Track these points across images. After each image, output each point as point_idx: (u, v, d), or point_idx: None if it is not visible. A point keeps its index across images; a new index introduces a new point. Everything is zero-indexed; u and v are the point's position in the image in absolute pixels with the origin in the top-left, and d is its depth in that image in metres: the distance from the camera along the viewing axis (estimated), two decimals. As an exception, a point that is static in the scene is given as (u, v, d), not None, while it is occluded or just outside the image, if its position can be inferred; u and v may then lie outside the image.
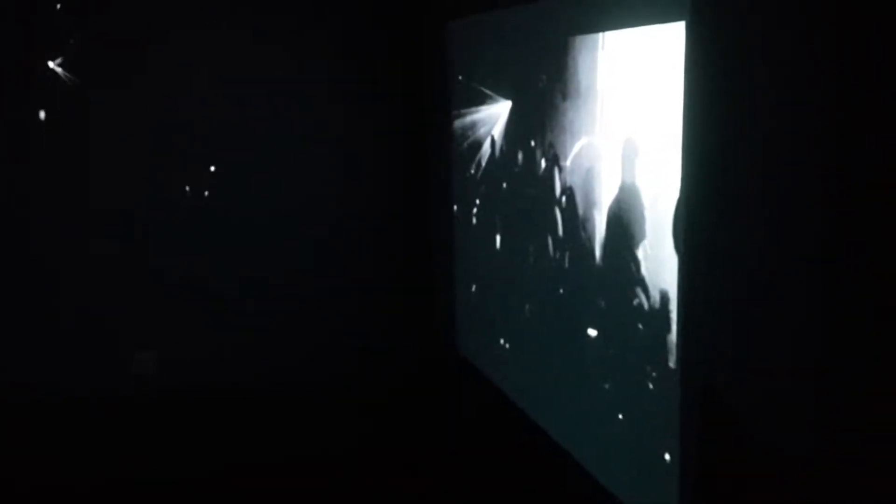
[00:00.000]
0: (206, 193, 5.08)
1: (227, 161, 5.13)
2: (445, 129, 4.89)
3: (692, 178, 2.58)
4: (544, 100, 3.68)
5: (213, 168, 5.07)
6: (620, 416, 3.18)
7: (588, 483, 3.32)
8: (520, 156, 4.03)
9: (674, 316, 2.81)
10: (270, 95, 5.17)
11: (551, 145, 3.68)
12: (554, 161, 3.67)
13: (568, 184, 3.55)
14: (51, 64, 4.71)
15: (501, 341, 4.38)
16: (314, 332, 5.33)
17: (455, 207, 4.95)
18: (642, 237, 3.00)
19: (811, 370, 2.15)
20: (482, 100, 4.43)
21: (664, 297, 2.87)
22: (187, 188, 5.05)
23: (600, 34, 3.17)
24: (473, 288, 4.79)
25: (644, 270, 2.99)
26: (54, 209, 4.88)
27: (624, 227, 3.11)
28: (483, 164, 4.52)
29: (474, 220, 4.70)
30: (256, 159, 5.18)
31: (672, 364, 2.80)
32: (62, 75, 4.70)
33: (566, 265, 3.63)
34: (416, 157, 5.31)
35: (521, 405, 4.07)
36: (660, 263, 2.89)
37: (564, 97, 3.48)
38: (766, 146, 2.28)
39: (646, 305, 2.98)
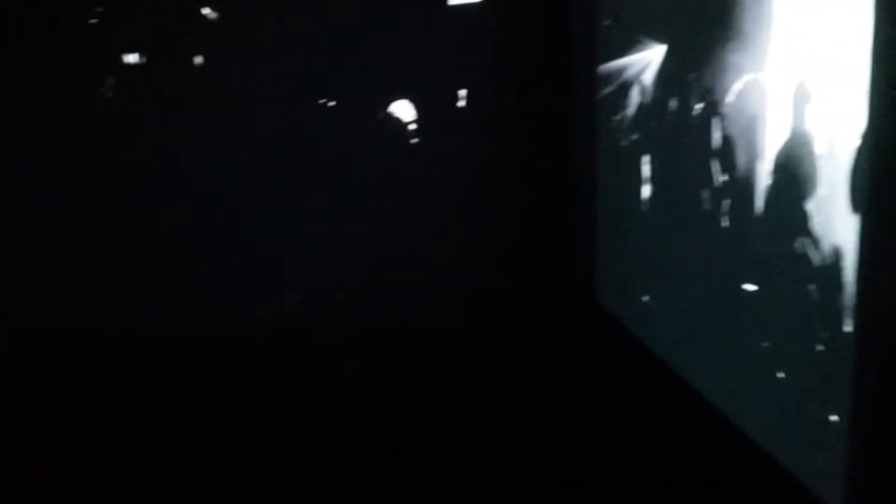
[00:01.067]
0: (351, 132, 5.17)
1: (373, 107, 5.18)
2: (591, 75, 4.75)
3: (879, 125, 2.39)
4: (704, 43, 3.49)
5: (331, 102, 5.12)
6: (781, 376, 3.04)
7: (743, 443, 3.21)
8: (673, 103, 3.87)
9: (848, 274, 2.64)
10: (411, 44, 5.16)
11: (709, 91, 3.51)
12: (712, 108, 3.49)
13: (728, 131, 3.38)
14: (205, 11, 4.87)
15: (647, 294, 4.26)
16: (452, 279, 5.34)
17: (600, 156, 4.83)
18: (813, 188, 2.82)
19: None
20: (632, 45, 4.27)
21: (837, 253, 2.70)
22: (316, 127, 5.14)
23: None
24: (617, 239, 4.67)
25: (814, 224, 2.82)
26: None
27: (792, 176, 2.94)
28: (631, 112, 4.37)
29: (620, 170, 4.57)
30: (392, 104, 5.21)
31: (846, 326, 2.64)
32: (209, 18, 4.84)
33: (721, 217, 3.47)
34: (560, 105, 5.19)
35: (667, 361, 3.96)
36: (833, 217, 2.72)
37: (728, 39, 3.29)
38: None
39: (815, 261, 2.82)
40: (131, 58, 5.00)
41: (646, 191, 4.26)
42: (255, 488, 3.78)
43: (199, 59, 5.03)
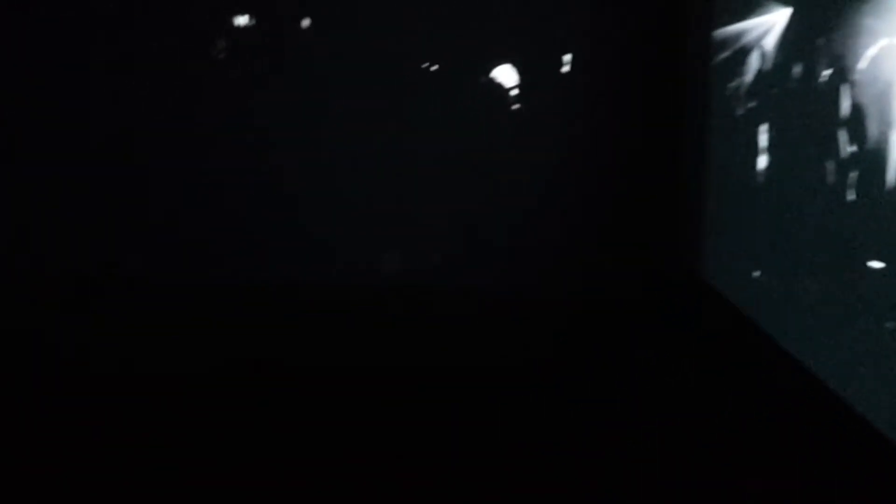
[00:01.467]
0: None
1: (475, 74, 5.13)
2: (706, 41, 4.57)
3: None
4: (834, 5, 3.30)
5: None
6: (908, 359, 2.87)
7: (864, 429, 3.05)
8: (797, 69, 3.68)
9: None
10: (515, 8, 5.09)
11: (839, 57, 3.31)
12: (841, 74, 3.30)
13: (858, 99, 3.19)
14: None
15: (756, 270, 4.10)
16: (554, 249, 5.27)
17: (712, 126, 4.65)
18: (956, 161, 2.64)
19: None
20: (752, 8, 4.07)
21: (980, 230, 2.52)
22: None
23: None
24: (727, 212, 4.51)
25: (955, 199, 2.64)
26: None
27: (931, 148, 2.75)
28: (749, 79, 4.18)
29: (732, 140, 4.39)
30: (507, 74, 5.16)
31: None
32: None
33: (847, 190, 3.29)
34: (671, 72, 5.01)
35: (780, 341, 3.80)
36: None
37: (862, 0, 3.10)
38: None
39: (954, 238, 2.64)
40: (241, 19, 5.07)
41: (762, 162, 4.08)
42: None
43: (306, 22, 5.07)
